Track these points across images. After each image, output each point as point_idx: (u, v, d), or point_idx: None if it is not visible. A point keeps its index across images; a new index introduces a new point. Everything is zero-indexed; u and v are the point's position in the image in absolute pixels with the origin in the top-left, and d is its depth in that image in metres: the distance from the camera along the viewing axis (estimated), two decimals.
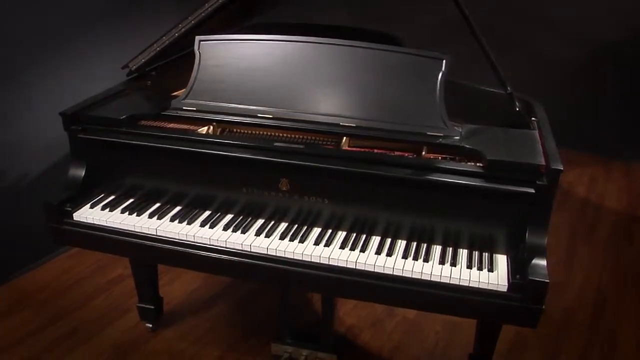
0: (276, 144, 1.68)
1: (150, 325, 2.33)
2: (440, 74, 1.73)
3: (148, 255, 1.74)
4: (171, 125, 1.91)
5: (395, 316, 2.42)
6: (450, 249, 1.59)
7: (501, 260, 1.55)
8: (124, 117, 1.78)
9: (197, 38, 1.92)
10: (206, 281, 2.62)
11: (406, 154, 1.73)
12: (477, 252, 1.57)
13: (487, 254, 1.57)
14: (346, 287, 1.56)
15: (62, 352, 2.21)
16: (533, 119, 1.85)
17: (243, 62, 1.87)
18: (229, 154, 1.67)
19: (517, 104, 1.86)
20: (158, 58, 2.14)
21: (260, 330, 2.32)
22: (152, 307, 2.28)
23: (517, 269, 1.49)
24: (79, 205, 1.78)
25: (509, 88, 1.86)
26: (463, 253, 1.58)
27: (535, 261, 1.46)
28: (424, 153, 1.72)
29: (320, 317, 2.00)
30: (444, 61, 1.73)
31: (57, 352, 2.21)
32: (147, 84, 2.15)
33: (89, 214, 1.76)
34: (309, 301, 2.47)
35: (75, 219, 1.76)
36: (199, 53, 1.91)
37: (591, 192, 3.54)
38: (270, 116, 1.82)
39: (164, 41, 2.07)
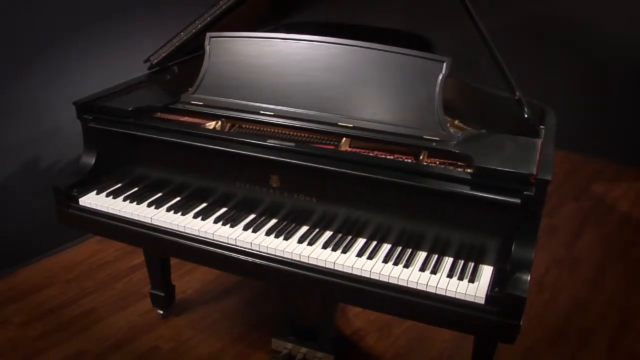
0: (268, 140, 1.69)
1: (161, 312, 2.40)
2: (440, 77, 1.68)
3: (142, 242, 1.81)
4: (184, 118, 1.97)
5: (404, 322, 2.37)
6: (435, 256, 1.55)
7: (486, 272, 1.49)
8: (131, 108, 1.85)
9: (208, 34, 1.97)
10: (222, 274, 2.67)
11: (403, 158, 1.70)
12: (462, 262, 1.52)
13: (472, 264, 1.52)
14: (323, 287, 1.55)
15: (77, 329, 2.33)
16: (542, 127, 1.76)
17: (250, 59, 1.89)
18: (221, 148, 1.70)
19: (526, 110, 1.78)
20: (179, 53, 2.21)
21: (266, 326, 2.34)
22: (163, 294, 2.36)
23: (499, 281, 1.43)
24: (86, 191, 1.87)
25: (517, 94, 1.78)
26: (447, 261, 1.53)
27: (517, 275, 1.40)
28: (421, 157, 1.69)
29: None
30: (445, 63, 1.68)
31: (72, 329, 2.33)
32: (167, 78, 2.23)
33: (93, 200, 1.84)
34: (315, 300, 2.46)
35: (80, 203, 1.85)
36: (209, 49, 1.95)
37: (635, 208, 3.33)
38: (272, 113, 1.84)
39: (182, 37, 2.14)
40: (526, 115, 1.78)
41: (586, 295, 2.56)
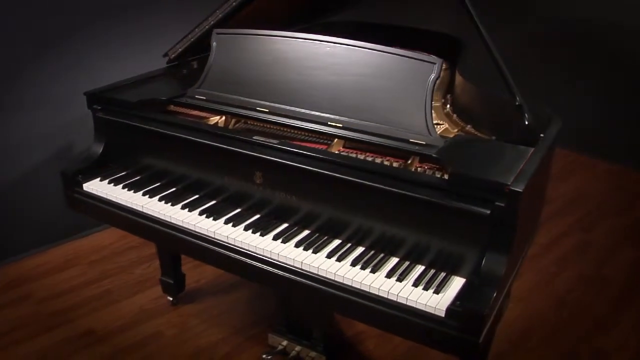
0: (254, 137, 1.70)
1: (171, 299, 2.48)
2: (430, 79, 1.63)
3: (134, 229, 1.87)
4: (194, 112, 2.02)
5: None
6: (407, 263, 1.50)
7: (456, 284, 1.42)
8: (134, 101, 1.92)
9: (214, 31, 2.00)
10: None
11: (392, 161, 1.68)
12: (432, 271, 1.46)
13: (443, 274, 1.45)
14: (291, 286, 1.53)
15: (90, 309, 2.45)
16: (541, 135, 1.66)
17: (252, 56, 1.91)
18: (207, 142, 1.73)
19: (526, 116, 1.69)
20: (198, 48, 2.26)
21: (268, 321, 2.36)
22: (172, 282, 2.43)
23: (464, 295, 1.37)
24: (91, 177, 1.96)
25: (518, 99, 1.69)
26: (418, 270, 1.48)
27: (483, 290, 1.33)
28: (409, 161, 1.65)
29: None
30: (436, 65, 1.63)
31: (85, 309, 2.45)
32: (183, 73, 2.29)
33: (95, 186, 1.92)
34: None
35: (84, 189, 1.93)
36: (214, 45, 1.98)
37: None
38: (267, 110, 1.85)
39: (197, 32, 2.19)
40: (526, 122, 1.69)
41: (608, 317, 2.39)
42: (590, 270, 2.70)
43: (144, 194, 1.86)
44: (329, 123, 1.74)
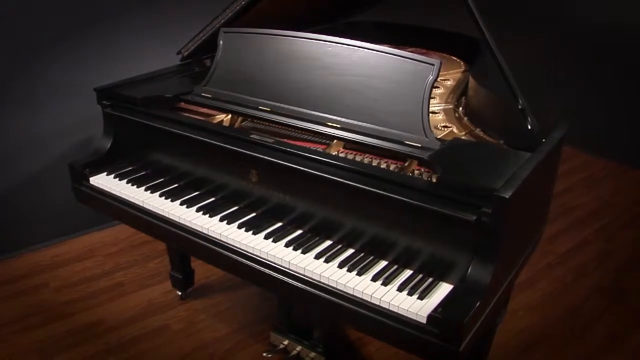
0: (252, 135, 1.71)
1: (180, 293, 2.52)
2: (428, 80, 1.60)
3: (136, 224, 1.90)
4: (203, 110, 2.04)
5: None
6: (395, 267, 1.47)
7: (443, 290, 1.39)
8: (140, 97, 1.95)
9: (222, 29, 2.02)
10: None
11: (390, 162, 1.66)
12: (420, 276, 1.44)
13: (430, 279, 1.42)
14: (279, 286, 1.53)
15: (102, 300, 2.51)
16: (543, 140, 1.61)
17: (257, 55, 1.91)
18: (206, 139, 1.75)
19: (529, 120, 1.64)
20: (211, 46, 2.28)
21: (273, 320, 2.36)
22: (181, 277, 2.47)
23: (447, 302, 1.34)
24: (98, 171, 2.00)
25: (520, 102, 1.64)
26: (405, 274, 1.45)
27: (466, 298, 1.30)
28: (407, 163, 1.63)
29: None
30: (435, 67, 1.60)
31: (98, 299, 2.51)
32: (195, 70, 2.32)
33: (101, 180, 1.96)
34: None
35: (91, 182, 1.98)
36: (221, 43, 2.00)
37: None
38: (269, 109, 1.85)
39: (208, 31, 2.21)
40: (529, 127, 1.64)
41: (624, 330, 2.30)
42: (607, 281, 2.60)
43: (146, 190, 1.89)
44: (327, 123, 1.74)
